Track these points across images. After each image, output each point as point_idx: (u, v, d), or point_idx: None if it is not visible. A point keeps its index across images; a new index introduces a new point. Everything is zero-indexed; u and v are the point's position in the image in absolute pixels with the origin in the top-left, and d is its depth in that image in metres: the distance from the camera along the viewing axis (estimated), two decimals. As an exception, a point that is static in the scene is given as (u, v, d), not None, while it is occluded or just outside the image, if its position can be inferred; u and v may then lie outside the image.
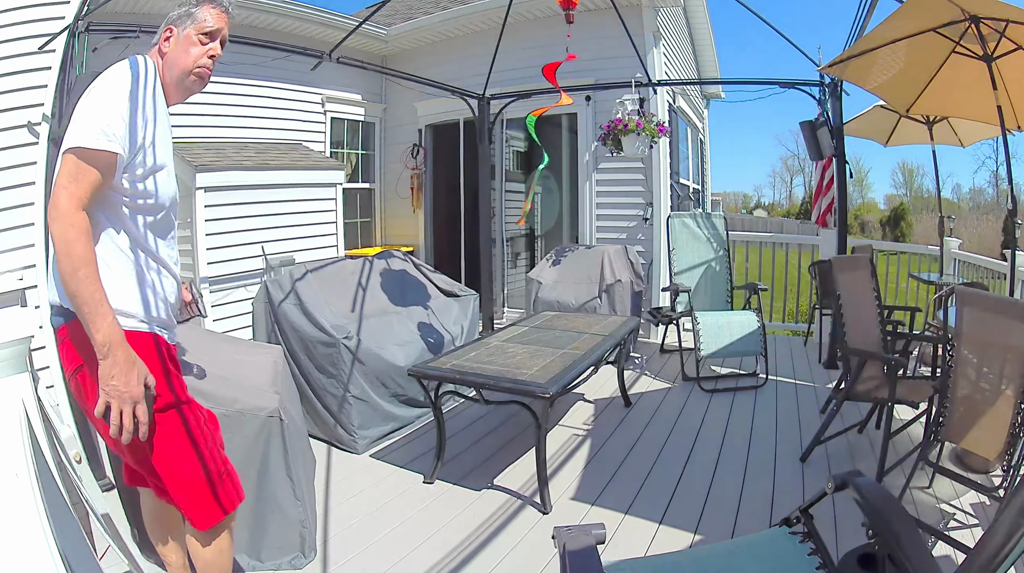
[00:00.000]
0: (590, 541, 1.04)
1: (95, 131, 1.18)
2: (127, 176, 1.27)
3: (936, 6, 2.64)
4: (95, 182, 1.19)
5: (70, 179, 1.16)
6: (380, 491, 2.53)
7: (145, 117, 1.28)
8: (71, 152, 1.18)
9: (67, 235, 1.14)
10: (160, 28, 1.42)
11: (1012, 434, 1.89)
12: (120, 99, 1.24)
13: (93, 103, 1.22)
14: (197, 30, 1.40)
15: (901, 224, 23.53)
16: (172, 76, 1.40)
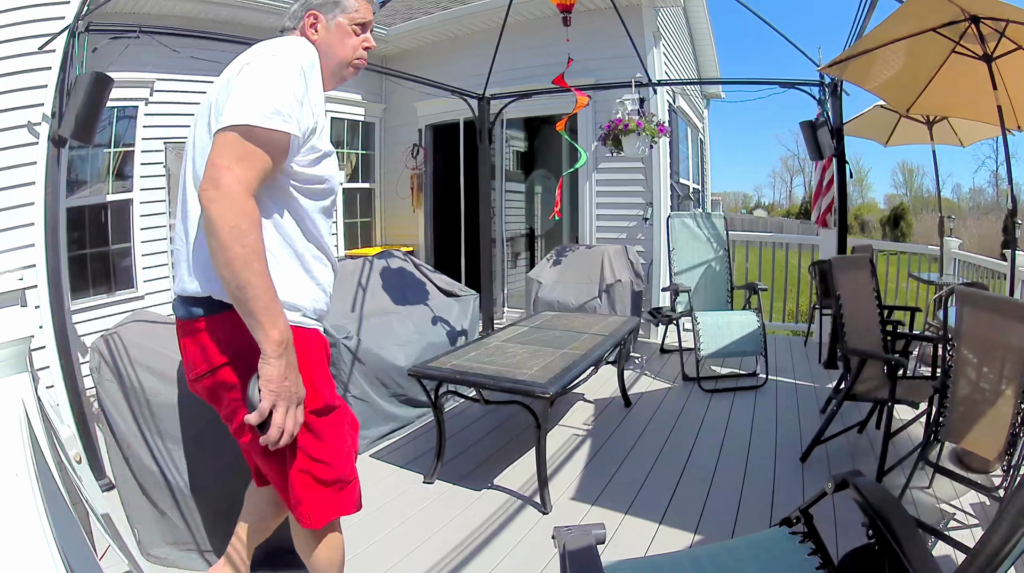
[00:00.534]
0: (590, 541, 1.04)
1: (268, 109, 1.08)
2: (298, 160, 1.19)
3: (936, 6, 2.64)
4: (266, 166, 1.10)
5: (235, 159, 1.05)
6: (380, 491, 2.53)
7: (313, 100, 1.19)
8: (234, 130, 1.07)
9: (237, 222, 1.02)
10: (296, 11, 1.35)
11: (1012, 434, 1.89)
12: (293, 78, 1.14)
13: (262, 80, 1.12)
14: (350, 20, 1.34)
15: (901, 224, 23.54)
16: (328, 64, 1.33)
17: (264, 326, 1.05)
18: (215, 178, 1.04)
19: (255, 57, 1.17)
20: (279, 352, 1.06)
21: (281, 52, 1.17)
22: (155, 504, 1.90)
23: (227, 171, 1.04)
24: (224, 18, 5.04)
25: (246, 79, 1.13)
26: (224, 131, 1.08)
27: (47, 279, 2.56)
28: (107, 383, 1.91)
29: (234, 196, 1.03)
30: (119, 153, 4.60)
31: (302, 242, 1.24)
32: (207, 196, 1.03)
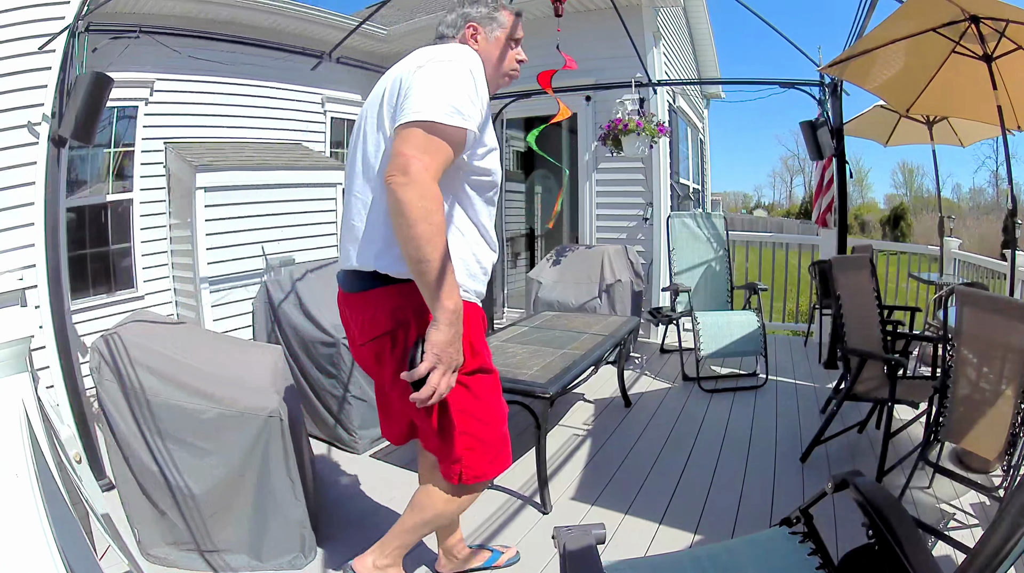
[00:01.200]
0: (590, 541, 1.04)
1: (448, 108, 1.20)
2: (469, 154, 1.31)
3: (936, 6, 2.64)
4: (448, 158, 1.21)
5: (421, 150, 1.16)
6: (380, 491, 2.53)
7: (483, 100, 1.31)
8: (419, 126, 1.18)
9: (426, 204, 1.13)
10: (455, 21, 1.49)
11: (1012, 434, 1.89)
12: (467, 79, 1.27)
13: (440, 81, 1.24)
14: (506, 35, 1.49)
15: (901, 224, 23.54)
16: (488, 73, 1.43)
17: (441, 296, 1.16)
18: (404, 166, 1.15)
19: (427, 61, 1.29)
20: (450, 320, 1.17)
21: (454, 58, 1.30)
22: (155, 504, 1.90)
23: (415, 159, 1.15)
24: (224, 18, 5.03)
25: (425, 80, 1.24)
26: (408, 126, 1.19)
27: (47, 279, 2.56)
28: (107, 383, 1.91)
29: (422, 181, 1.14)
30: (119, 153, 4.60)
31: (468, 226, 1.38)
32: (397, 181, 1.14)
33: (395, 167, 1.15)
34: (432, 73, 1.25)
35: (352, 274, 1.39)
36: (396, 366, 1.34)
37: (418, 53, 1.34)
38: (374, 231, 1.32)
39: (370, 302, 1.36)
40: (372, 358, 1.42)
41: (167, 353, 2.09)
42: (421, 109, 1.19)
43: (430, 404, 1.20)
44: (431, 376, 1.17)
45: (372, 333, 1.37)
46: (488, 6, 1.49)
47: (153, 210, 4.78)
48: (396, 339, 1.34)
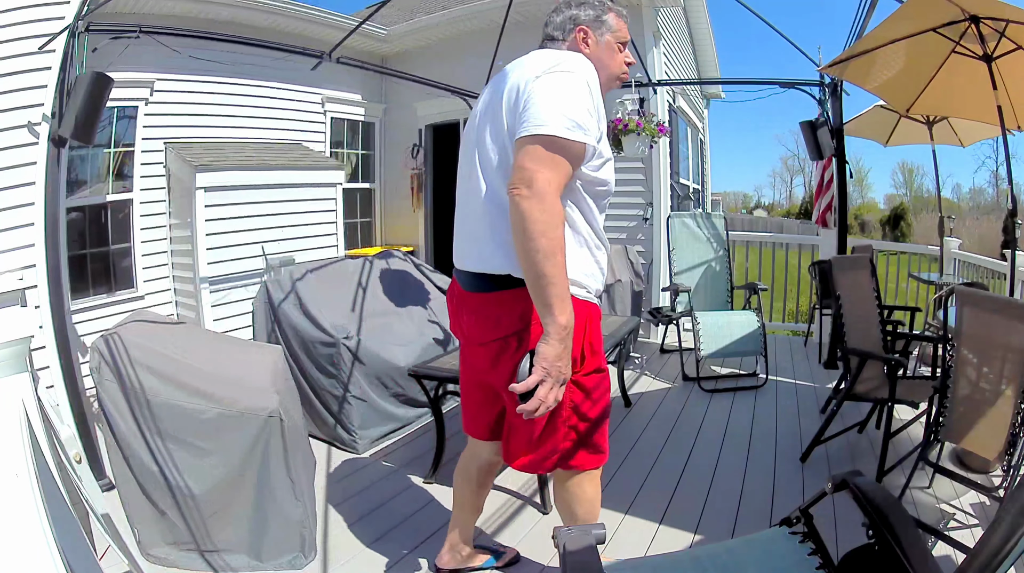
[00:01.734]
0: (590, 541, 1.04)
1: (568, 123, 1.21)
2: (588, 165, 1.31)
3: (936, 6, 2.64)
4: (568, 172, 1.23)
5: (543, 164, 1.18)
6: (380, 491, 2.53)
7: (599, 111, 1.32)
8: (541, 140, 1.19)
9: (547, 218, 1.15)
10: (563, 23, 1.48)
11: (1012, 434, 1.89)
12: (585, 92, 1.27)
13: (561, 93, 1.24)
14: (616, 39, 1.49)
15: (901, 224, 23.53)
16: (600, 78, 1.43)
17: (554, 311, 1.17)
18: (528, 179, 1.16)
19: (545, 71, 1.29)
20: (561, 336, 1.18)
21: (571, 68, 1.30)
22: (155, 504, 1.90)
23: (538, 174, 1.16)
24: (224, 18, 5.04)
25: (545, 91, 1.25)
26: (531, 139, 1.20)
27: (47, 279, 2.56)
28: (107, 383, 1.91)
29: (545, 196, 1.15)
30: (119, 153, 4.60)
31: (586, 230, 1.41)
32: (520, 194, 1.16)
33: (518, 180, 1.17)
34: (552, 84, 1.26)
35: (475, 274, 1.41)
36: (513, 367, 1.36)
37: (534, 59, 1.35)
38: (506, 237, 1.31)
39: (496, 303, 1.38)
40: (488, 358, 1.43)
41: (167, 353, 2.09)
42: (543, 123, 1.20)
43: (536, 417, 1.22)
44: (539, 389, 1.18)
45: (496, 334, 1.39)
46: (595, 8, 1.48)
47: (153, 210, 4.78)
48: (522, 341, 1.36)
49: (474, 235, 1.42)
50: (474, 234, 1.42)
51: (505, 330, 1.37)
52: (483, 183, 1.38)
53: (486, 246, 1.37)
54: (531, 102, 1.24)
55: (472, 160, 1.42)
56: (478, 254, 1.40)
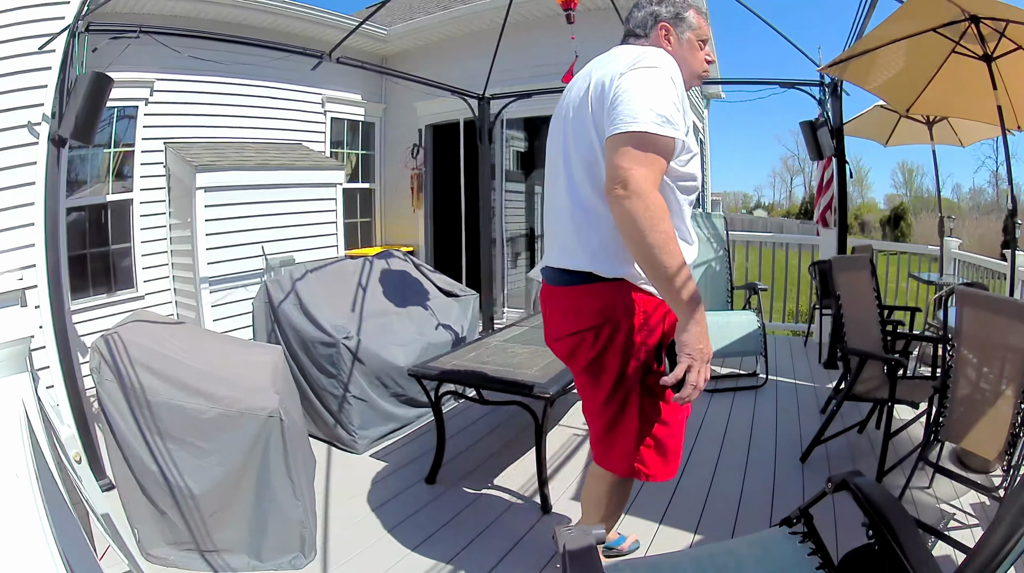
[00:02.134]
0: (590, 541, 1.04)
1: (657, 118, 1.21)
2: (676, 159, 1.32)
3: (936, 6, 2.64)
4: (662, 167, 1.24)
5: (638, 162, 1.19)
6: (380, 491, 2.53)
7: (684, 106, 1.32)
8: (633, 137, 1.20)
9: (652, 213, 1.17)
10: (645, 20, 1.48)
11: (1012, 434, 1.89)
12: (670, 87, 1.28)
13: (648, 89, 1.25)
14: (696, 36, 1.49)
15: (901, 224, 23.51)
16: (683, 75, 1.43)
17: (681, 298, 1.21)
18: (623, 179, 1.18)
19: (629, 67, 1.29)
20: (695, 318, 1.22)
21: (656, 64, 1.30)
22: (155, 504, 1.90)
23: (633, 171, 1.18)
24: (224, 18, 5.04)
25: (632, 88, 1.25)
26: (622, 136, 1.21)
27: (47, 279, 2.56)
28: (107, 383, 1.91)
29: (644, 192, 1.17)
30: (119, 153, 4.60)
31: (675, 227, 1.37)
32: (618, 194, 1.18)
33: (615, 180, 1.19)
34: (638, 80, 1.26)
35: (559, 270, 1.45)
36: (588, 360, 1.40)
37: (617, 55, 1.36)
38: (589, 234, 1.36)
39: (578, 297, 1.40)
40: (567, 350, 1.47)
41: (167, 353, 2.10)
42: (633, 119, 1.21)
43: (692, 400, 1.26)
44: (688, 375, 1.22)
45: (575, 327, 1.42)
46: (675, 5, 1.48)
47: (153, 210, 4.78)
48: (599, 335, 1.37)
49: (559, 232, 1.45)
50: (559, 231, 1.45)
51: (583, 324, 1.39)
52: (568, 181, 1.41)
53: (569, 243, 1.41)
54: (619, 99, 1.25)
55: (558, 158, 1.45)
56: (561, 250, 1.44)
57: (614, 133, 1.22)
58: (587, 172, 1.35)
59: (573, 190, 1.40)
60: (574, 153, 1.39)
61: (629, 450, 1.43)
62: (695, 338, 1.23)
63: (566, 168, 1.41)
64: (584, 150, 1.36)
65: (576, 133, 1.38)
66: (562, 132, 1.44)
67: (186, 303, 4.79)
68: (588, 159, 1.35)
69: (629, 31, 1.51)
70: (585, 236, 1.37)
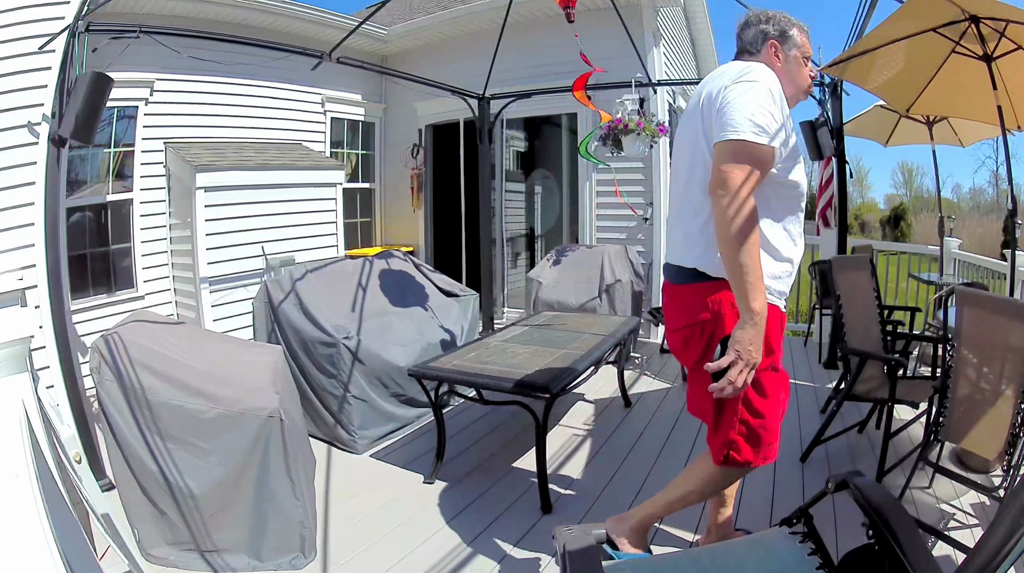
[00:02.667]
0: (590, 541, 1.04)
1: (755, 127, 1.34)
2: (778, 167, 1.44)
3: (936, 6, 2.64)
4: (758, 172, 1.35)
5: (735, 166, 1.32)
6: (380, 491, 2.53)
7: (785, 116, 1.43)
8: (733, 144, 1.34)
9: (743, 214, 1.30)
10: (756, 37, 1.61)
11: (1012, 434, 1.89)
12: (768, 100, 1.39)
13: (747, 101, 1.37)
14: (801, 53, 1.62)
15: (901, 224, 23.49)
16: (789, 90, 1.56)
17: (749, 298, 1.32)
18: (723, 180, 1.33)
19: (733, 81, 1.43)
20: (755, 321, 1.32)
21: (756, 78, 1.43)
22: (155, 504, 1.90)
23: (731, 174, 1.32)
24: (224, 18, 5.04)
25: (734, 100, 1.39)
26: (725, 143, 1.36)
27: (47, 279, 2.56)
28: (107, 383, 1.91)
29: (737, 193, 1.31)
30: (119, 153, 4.60)
31: (773, 231, 1.50)
32: (716, 194, 1.33)
33: (716, 182, 1.34)
34: (740, 93, 1.39)
35: (675, 267, 1.58)
36: (699, 353, 1.51)
37: (728, 70, 1.49)
38: (697, 233, 1.50)
39: (690, 293, 1.53)
40: (681, 342, 1.59)
41: (167, 353, 2.09)
42: (734, 129, 1.35)
43: (724, 396, 1.35)
44: (730, 370, 1.32)
45: (686, 320, 1.54)
46: (781, 23, 1.60)
47: (153, 210, 4.78)
48: (705, 328, 1.49)
49: (677, 231, 1.61)
50: (676, 231, 1.62)
51: (692, 318, 1.51)
52: (684, 183, 1.55)
53: (682, 242, 1.56)
54: (723, 110, 1.39)
55: (678, 163, 1.60)
56: (676, 248, 1.59)
57: (718, 140, 1.37)
58: (700, 178, 1.47)
59: (687, 193, 1.54)
60: (688, 159, 1.53)
61: (725, 440, 1.52)
62: (747, 338, 1.32)
63: (682, 173, 1.56)
64: (696, 156, 1.49)
65: (691, 141, 1.52)
66: (681, 139, 1.59)
67: (186, 303, 4.79)
68: (699, 165, 1.48)
69: (742, 48, 1.64)
70: (695, 236, 1.50)
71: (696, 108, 1.52)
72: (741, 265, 1.31)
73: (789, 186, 1.50)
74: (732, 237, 1.31)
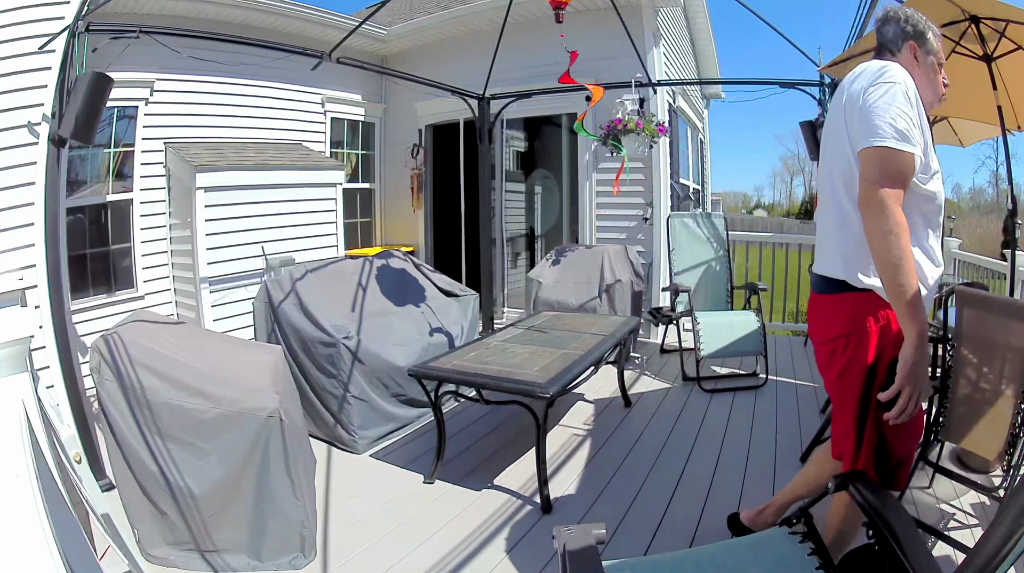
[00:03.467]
0: (590, 541, 1.04)
1: (898, 134, 1.29)
2: (919, 178, 1.37)
3: (936, 6, 2.64)
4: (903, 181, 1.31)
5: (881, 177, 1.28)
6: (380, 491, 2.53)
7: (924, 124, 1.38)
8: (876, 152, 1.29)
9: (893, 229, 1.25)
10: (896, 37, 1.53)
11: (1012, 434, 1.89)
12: (906, 104, 1.33)
13: (888, 106, 1.32)
14: (936, 60, 1.56)
15: (901, 224, 23.46)
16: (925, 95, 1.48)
17: (908, 318, 1.26)
18: (869, 194, 1.29)
19: (871, 83, 1.37)
20: (916, 343, 1.25)
21: (894, 79, 1.37)
22: (155, 504, 1.90)
23: (877, 187, 1.28)
24: (224, 18, 5.04)
25: (875, 103, 1.33)
26: (868, 151, 1.31)
27: (47, 279, 2.56)
28: (107, 383, 1.91)
29: (886, 208, 1.26)
30: (119, 153, 4.60)
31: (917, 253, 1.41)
32: (867, 210, 1.29)
33: (863, 195, 1.31)
34: (880, 95, 1.34)
35: (820, 276, 1.53)
36: (841, 368, 1.46)
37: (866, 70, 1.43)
38: (844, 243, 1.44)
39: (831, 305, 1.49)
40: (826, 357, 1.52)
41: (167, 353, 2.09)
42: (877, 135, 1.30)
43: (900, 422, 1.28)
44: (900, 395, 1.26)
45: (829, 334, 1.49)
46: (919, 26, 1.54)
47: (153, 210, 4.78)
48: (848, 343, 1.43)
49: (822, 240, 1.56)
50: (822, 239, 1.56)
51: (835, 331, 1.47)
52: (831, 191, 1.50)
53: (828, 251, 1.50)
54: (864, 115, 1.34)
55: (824, 169, 1.55)
56: (823, 258, 1.54)
57: (863, 147, 1.32)
58: (844, 183, 1.43)
59: (833, 200, 1.49)
60: (834, 164, 1.48)
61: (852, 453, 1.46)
62: (910, 361, 1.26)
63: (829, 179, 1.51)
64: (840, 161, 1.44)
65: (835, 145, 1.47)
66: (827, 139, 1.54)
67: (186, 303, 4.78)
68: (844, 170, 1.43)
69: (882, 44, 1.56)
70: (840, 245, 1.45)
71: (839, 108, 1.47)
72: (900, 286, 1.25)
73: (928, 198, 1.42)
74: (888, 254, 1.26)
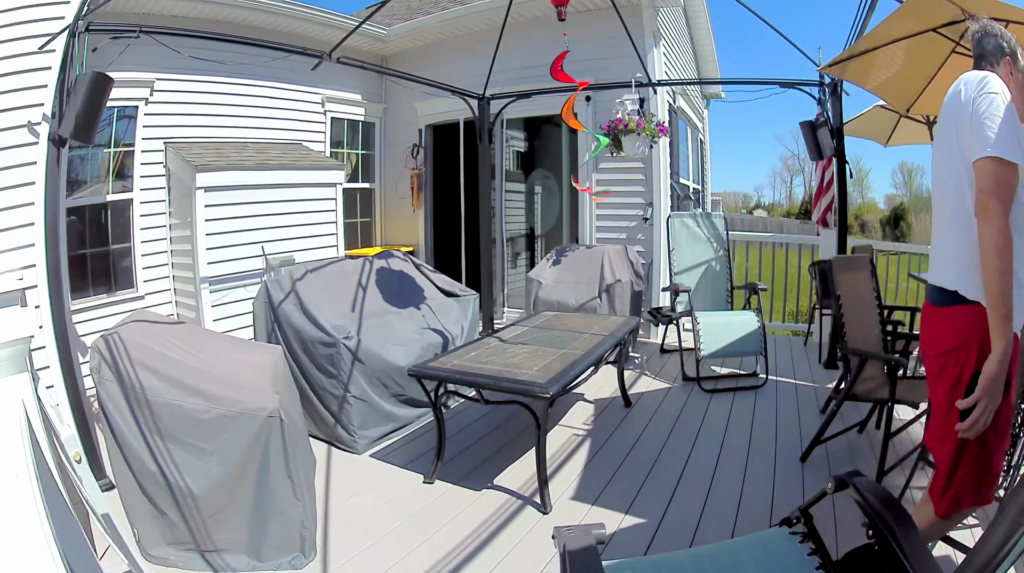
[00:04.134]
0: (590, 541, 1.04)
1: (1010, 145, 1.31)
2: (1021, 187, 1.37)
3: (936, 6, 2.64)
4: (1013, 192, 1.32)
5: (997, 187, 1.30)
6: (380, 491, 2.53)
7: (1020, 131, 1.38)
8: (990, 163, 1.31)
9: (999, 240, 1.28)
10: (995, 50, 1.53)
11: (1012, 434, 1.89)
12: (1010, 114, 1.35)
13: (998, 117, 1.34)
14: None
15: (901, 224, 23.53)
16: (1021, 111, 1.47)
17: (999, 329, 1.28)
18: (983, 203, 1.31)
19: (977, 93, 1.39)
20: (999, 357, 1.27)
21: (997, 89, 1.39)
22: (155, 504, 1.90)
23: (990, 197, 1.30)
24: (224, 18, 5.03)
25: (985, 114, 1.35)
26: (981, 162, 1.33)
27: (47, 279, 2.56)
28: (107, 383, 1.91)
29: (996, 219, 1.29)
30: (119, 153, 4.60)
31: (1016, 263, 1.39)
32: (981, 219, 1.31)
33: (979, 204, 1.32)
34: (987, 105, 1.36)
35: (935, 287, 1.51)
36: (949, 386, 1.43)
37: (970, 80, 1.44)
38: (956, 252, 1.44)
39: (943, 317, 1.48)
40: (936, 371, 1.50)
41: (167, 353, 2.09)
42: (991, 146, 1.31)
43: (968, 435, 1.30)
44: (976, 408, 1.28)
45: (938, 348, 1.48)
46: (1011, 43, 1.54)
47: (153, 210, 4.78)
48: (957, 359, 1.42)
49: (936, 250, 1.55)
50: (936, 249, 1.56)
51: (946, 345, 1.45)
52: (943, 200, 1.51)
53: (942, 262, 1.50)
54: (976, 123, 1.35)
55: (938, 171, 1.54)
56: (936, 268, 1.52)
57: (976, 159, 1.34)
58: (956, 192, 1.44)
59: (948, 209, 1.49)
60: (946, 174, 1.49)
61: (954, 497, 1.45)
62: (991, 374, 1.27)
63: (941, 188, 1.52)
64: (952, 171, 1.45)
65: (947, 154, 1.47)
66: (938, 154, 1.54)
67: (186, 303, 4.78)
68: (956, 180, 1.43)
69: (982, 55, 1.56)
70: (953, 256, 1.45)
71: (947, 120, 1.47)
72: (994, 293, 1.28)
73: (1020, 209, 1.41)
74: (993, 264, 1.28)
